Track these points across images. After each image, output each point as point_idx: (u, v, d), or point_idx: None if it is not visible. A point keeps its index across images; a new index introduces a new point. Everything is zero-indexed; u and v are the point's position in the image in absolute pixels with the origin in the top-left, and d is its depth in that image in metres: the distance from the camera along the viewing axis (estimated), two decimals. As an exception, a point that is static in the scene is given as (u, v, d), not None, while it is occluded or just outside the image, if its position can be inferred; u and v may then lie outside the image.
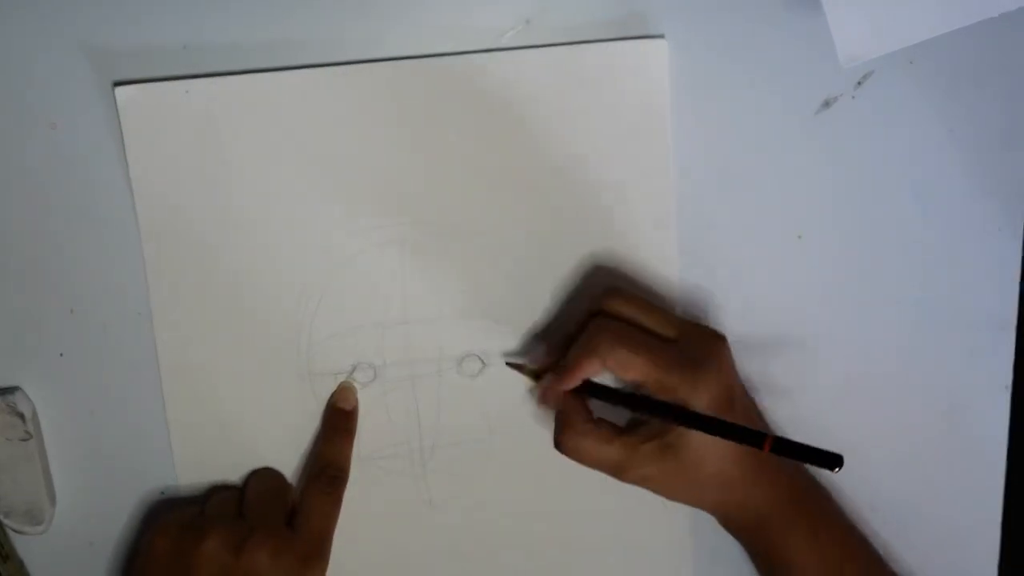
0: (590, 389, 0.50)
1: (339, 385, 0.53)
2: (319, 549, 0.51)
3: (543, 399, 0.52)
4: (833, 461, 0.43)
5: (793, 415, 0.54)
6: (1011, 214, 0.53)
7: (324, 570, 0.50)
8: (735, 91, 0.52)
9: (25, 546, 0.54)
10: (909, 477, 0.55)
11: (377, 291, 0.53)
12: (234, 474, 0.54)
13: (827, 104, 0.52)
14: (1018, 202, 0.53)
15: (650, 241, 0.53)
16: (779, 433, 0.50)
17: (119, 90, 0.50)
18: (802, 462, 0.43)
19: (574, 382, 0.49)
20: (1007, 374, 0.55)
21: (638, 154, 0.52)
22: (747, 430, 0.45)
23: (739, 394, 0.50)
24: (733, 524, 0.51)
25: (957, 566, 0.56)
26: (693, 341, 0.49)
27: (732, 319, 0.54)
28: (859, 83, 0.52)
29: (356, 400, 0.53)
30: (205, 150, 0.51)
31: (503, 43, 0.51)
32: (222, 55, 0.50)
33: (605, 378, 0.51)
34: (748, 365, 0.54)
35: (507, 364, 0.53)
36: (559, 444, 0.50)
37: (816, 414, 0.55)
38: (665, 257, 0.53)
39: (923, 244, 0.53)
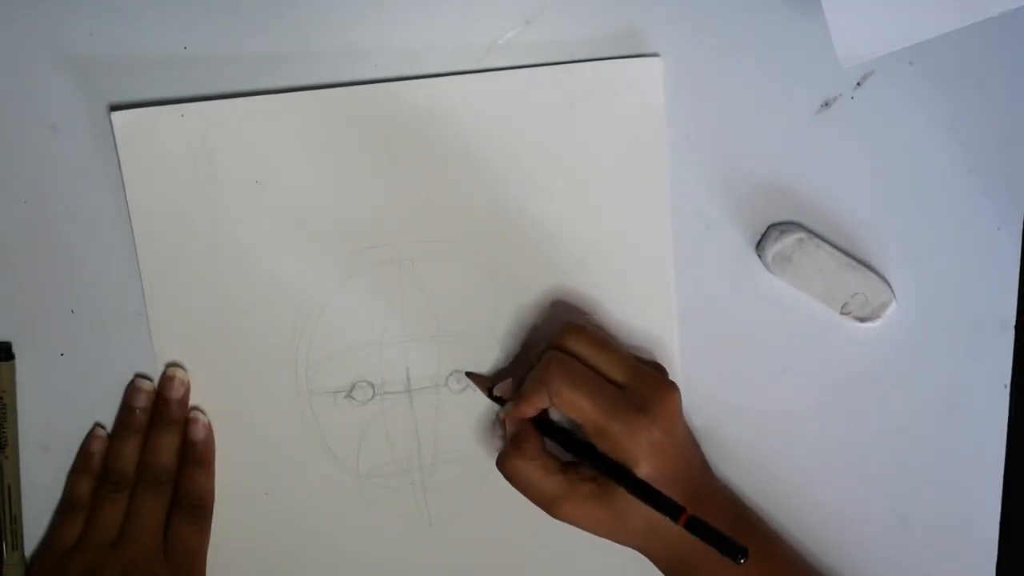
0: (539, 423, 0.50)
1: (191, 415, 0.53)
2: None
3: (500, 423, 0.52)
4: (737, 552, 0.43)
5: (792, 413, 0.55)
6: (1011, 214, 0.53)
7: None
8: (735, 92, 0.52)
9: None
10: (908, 476, 0.55)
11: (375, 310, 0.53)
12: (231, 490, 0.54)
13: (827, 104, 0.52)
14: (1018, 202, 0.53)
15: (646, 256, 0.53)
16: (776, 434, 0.50)
17: (115, 115, 0.50)
18: (708, 545, 0.44)
19: (529, 412, 0.50)
20: (1007, 374, 0.55)
21: (634, 172, 0.52)
22: (667, 500, 0.46)
23: (680, 444, 0.50)
24: (659, 563, 0.51)
25: (956, 565, 0.56)
26: (641, 387, 0.49)
27: (731, 322, 0.54)
28: (859, 83, 0.52)
29: (208, 430, 0.53)
30: (201, 172, 0.51)
31: (495, 63, 0.51)
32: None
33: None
34: (747, 363, 0.54)
35: (466, 374, 0.53)
36: (501, 463, 0.50)
37: (815, 413, 0.55)
38: (661, 270, 0.53)
39: (923, 244, 0.53)
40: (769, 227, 0.53)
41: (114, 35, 0.50)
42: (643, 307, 0.53)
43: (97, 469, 0.53)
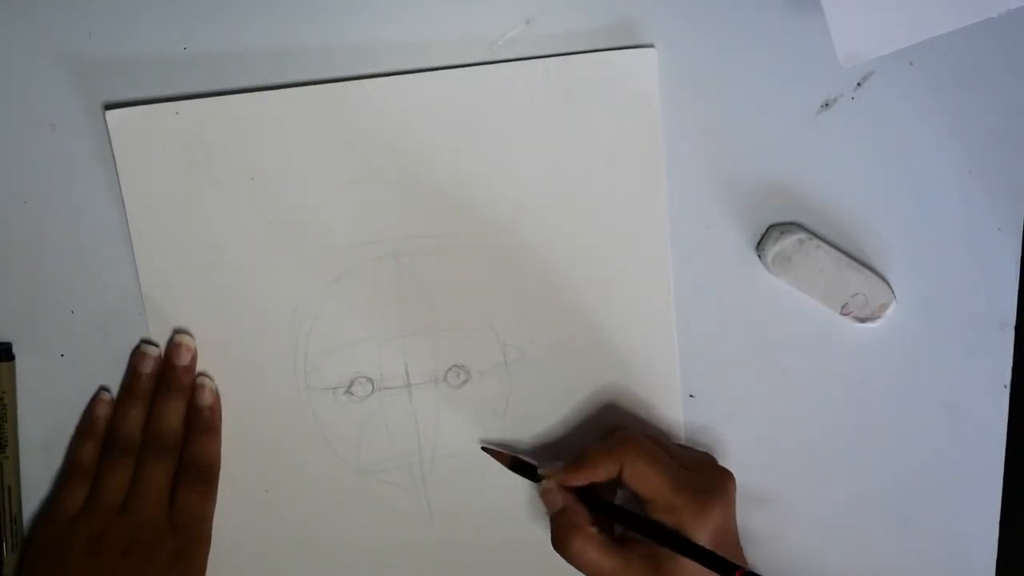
0: (590, 500, 0.50)
1: (198, 381, 0.53)
2: (192, 544, 0.52)
3: (545, 498, 0.51)
4: None
5: (792, 413, 0.55)
6: (1011, 214, 0.53)
7: (200, 558, 0.52)
8: (735, 92, 0.52)
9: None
10: (908, 477, 0.55)
11: (373, 305, 0.53)
12: (231, 488, 0.54)
13: (827, 105, 0.52)
14: (1018, 202, 0.53)
15: (644, 247, 0.53)
16: (777, 434, 0.50)
17: (110, 113, 0.50)
18: None
19: (584, 479, 0.50)
20: (1007, 374, 0.55)
21: (631, 163, 0.52)
22: (727, 561, 0.46)
23: (733, 533, 0.50)
24: None
25: (956, 565, 0.56)
26: (703, 472, 0.50)
27: (731, 323, 0.54)
28: (859, 84, 0.52)
29: (215, 396, 0.53)
30: (197, 170, 0.51)
31: (493, 55, 0.51)
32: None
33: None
34: (747, 363, 0.54)
35: (483, 448, 0.54)
36: (562, 545, 0.49)
37: (815, 413, 0.55)
38: (659, 264, 0.53)
39: (923, 244, 0.53)
40: (769, 227, 0.53)
41: (113, 35, 0.50)
42: (641, 303, 0.53)
43: (101, 434, 0.52)
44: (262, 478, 0.54)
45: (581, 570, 0.49)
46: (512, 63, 0.51)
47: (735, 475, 0.50)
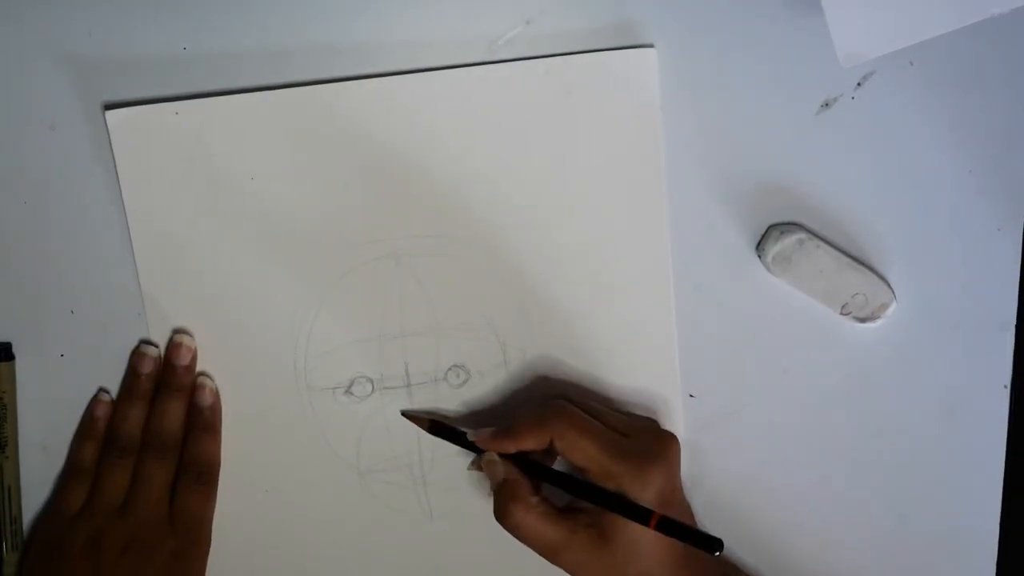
0: (532, 467, 0.50)
1: (198, 381, 0.53)
2: (191, 544, 0.52)
3: (488, 469, 0.51)
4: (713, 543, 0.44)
5: (792, 413, 0.55)
6: (1011, 214, 0.53)
7: (200, 557, 0.52)
8: (735, 92, 0.52)
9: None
10: (908, 476, 0.55)
11: (373, 305, 0.53)
12: (231, 489, 0.54)
13: (827, 105, 0.52)
14: (1018, 202, 0.53)
15: (644, 248, 0.53)
16: (776, 434, 0.50)
17: (109, 113, 0.50)
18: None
19: (511, 448, 0.50)
20: (1007, 374, 0.55)
21: (631, 163, 0.52)
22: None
23: (679, 496, 0.51)
24: None
25: (956, 566, 0.56)
26: (644, 438, 0.50)
27: (731, 322, 0.54)
28: (859, 83, 0.52)
29: (215, 396, 0.53)
30: (197, 170, 0.51)
31: (493, 55, 0.51)
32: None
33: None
34: (747, 363, 0.54)
35: (402, 413, 0.54)
36: (503, 516, 0.49)
37: (815, 413, 0.55)
38: (659, 260, 0.53)
39: (923, 244, 0.53)
40: (769, 227, 0.53)
41: (113, 35, 0.50)
42: (641, 303, 0.53)
43: (101, 435, 0.52)
44: (262, 478, 0.54)
45: (524, 541, 0.49)
46: (512, 63, 0.51)
47: (732, 472, 0.50)
